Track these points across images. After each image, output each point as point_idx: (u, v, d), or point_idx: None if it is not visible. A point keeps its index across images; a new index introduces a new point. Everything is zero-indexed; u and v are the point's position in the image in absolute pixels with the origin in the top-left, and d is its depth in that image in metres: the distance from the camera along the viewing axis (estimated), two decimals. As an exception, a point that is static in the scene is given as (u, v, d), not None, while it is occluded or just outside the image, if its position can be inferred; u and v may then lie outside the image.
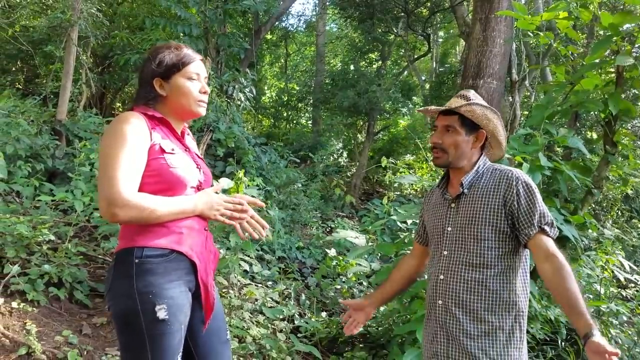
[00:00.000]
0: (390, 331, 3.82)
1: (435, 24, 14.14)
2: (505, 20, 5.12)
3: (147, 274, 1.69)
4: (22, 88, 11.02)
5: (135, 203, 1.62)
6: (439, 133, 2.01)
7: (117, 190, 1.61)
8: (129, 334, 1.70)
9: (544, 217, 1.88)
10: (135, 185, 1.66)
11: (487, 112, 1.98)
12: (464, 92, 2.04)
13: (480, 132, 2.01)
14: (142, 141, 1.71)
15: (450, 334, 1.93)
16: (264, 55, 15.44)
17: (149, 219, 1.68)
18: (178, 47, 1.89)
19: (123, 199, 1.61)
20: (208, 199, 1.83)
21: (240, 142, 7.37)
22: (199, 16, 8.76)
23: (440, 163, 2.03)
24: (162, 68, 1.83)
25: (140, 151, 1.70)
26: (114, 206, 1.60)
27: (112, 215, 1.62)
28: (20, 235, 3.92)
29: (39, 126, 6.59)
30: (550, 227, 1.88)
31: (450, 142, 1.98)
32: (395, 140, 14.63)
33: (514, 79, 5.97)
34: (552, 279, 1.79)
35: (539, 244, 1.86)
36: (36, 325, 3.35)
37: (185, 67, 1.85)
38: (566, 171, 2.94)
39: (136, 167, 1.68)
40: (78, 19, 7.13)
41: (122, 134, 1.69)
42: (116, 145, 1.67)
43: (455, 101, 2.02)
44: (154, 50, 1.90)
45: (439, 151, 2.01)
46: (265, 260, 5.53)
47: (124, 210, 1.61)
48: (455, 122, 1.98)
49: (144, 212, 1.64)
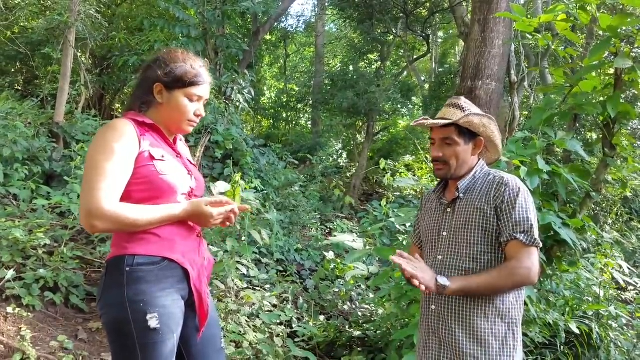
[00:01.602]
0: (388, 335, 3.79)
1: (435, 24, 14.11)
2: (504, 22, 5.10)
3: (138, 282, 1.68)
4: (21, 89, 11.00)
5: (114, 214, 1.61)
6: (437, 146, 2.00)
7: (97, 201, 1.60)
8: (120, 343, 1.69)
9: (520, 225, 1.84)
10: (116, 196, 1.65)
11: (484, 120, 1.97)
12: (454, 100, 2.03)
13: (479, 139, 2.00)
14: (129, 150, 1.70)
15: (442, 340, 1.92)
16: (263, 56, 15.41)
17: (129, 229, 1.68)
18: (194, 64, 1.85)
19: (103, 210, 1.60)
20: (198, 211, 1.79)
21: (238, 143, 7.35)
22: (197, 17, 8.74)
23: (443, 175, 2.02)
24: (169, 78, 1.80)
25: (126, 161, 1.68)
26: (93, 217, 1.60)
27: (91, 227, 1.62)
28: (15, 240, 3.90)
29: (36, 128, 6.57)
30: (525, 236, 1.82)
31: (451, 154, 1.97)
32: (394, 140, 14.59)
33: (512, 80, 5.93)
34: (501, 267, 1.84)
35: (508, 252, 1.85)
36: (31, 330, 3.33)
37: (190, 87, 1.82)
38: (564, 174, 2.92)
39: (120, 178, 1.66)
40: (76, 21, 7.11)
41: (108, 143, 1.68)
42: (101, 154, 1.66)
43: (449, 111, 2.00)
44: (169, 54, 1.86)
45: (440, 164, 2.00)
46: (263, 263, 5.51)
47: (102, 221, 1.61)
48: (453, 133, 1.96)
49: (123, 222, 1.64)
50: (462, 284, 1.78)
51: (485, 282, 1.78)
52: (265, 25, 11.15)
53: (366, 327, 4.39)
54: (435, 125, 1.98)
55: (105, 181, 1.62)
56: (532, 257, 1.81)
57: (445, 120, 1.95)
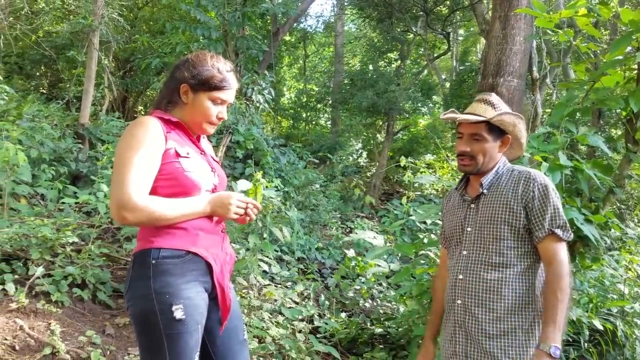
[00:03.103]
0: (410, 332, 3.80)
1: (455, 22, 14.01)
2: (525, 18, 5.06)
3: (164, 274, 1.72)
4: (46, 92, 11.24)
5: (144, 207, 1.65)
6: (465, 141, 1.99)
7: (128, 193, 1.64)
8: (147, 334, 1.74)
9: (556, 220, 1.87)
10: (146, 189, 1.69)
11: (514, 119, 1.98)
12: (485, 96, 2.02)
13: (506, 137, 2.01)
14: (157, 146, 1.74)
15: (469, 333, 1.94)
16: (282, 57, 15.47)
17: (158, 222, 1.71)
18: (222, 68, 1.89)
19: (133, 202, 1.64)
20: (217, 198, 1.83)
21: (259, 143, 7.41)
22: (218, 19, 8.82)
23: (469, 170, 2.03)
24: (195, 79, 1.85)
25: (154, 156, 1.73)
26: (124, 209, 1.63)
27: (122, 219, 1.65)
28: (44, 238, 4.00)
29: (62, 130, 6.72)
30: (562, 230, 1.87)
31: (479, 150, 1.97)
32: (415, 139, 14.52)
33: (534, 77, 5.89)
34: (546, 283, 1.86)
35: (546, 247, 1.88)
36: (60, 325, 3.42)
37: (215, 91, 1.86)
38: (586, 170, 2.90)
39: (148, 172, 1.71)
40: (99, 24, 7.25)
41: (137, 138, 1.73)
42: (130, 149, 1.70)
43: (479, 107, 2.00)
44: (198, 57, 1.90)
45: (466, 159, 2.00)
46: (284, 261, 5.56)
47: (133, 213, 1.64)
48: (483, 129, 1.96)
49: (152, 215, 1.67)
50: (558, 333, 1.77)
51: (561, 307, 1.79)
52: (285, 26, 11.20)
53: (388, 324, 4.41)
54: (467, 121, 1.98)
55: (135, 175, 1.66)
56: (565, 251, 1.87)
57: (478, 117, 1.95)
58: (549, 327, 1.78)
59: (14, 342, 3.17)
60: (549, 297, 1.82)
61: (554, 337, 1.76)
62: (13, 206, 4.77)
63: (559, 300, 1.79)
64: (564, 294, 1.80)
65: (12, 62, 10.74)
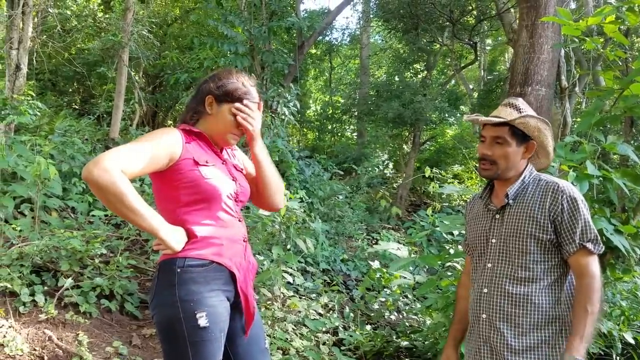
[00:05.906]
0: (436, 345, 3.75)
1: (482, 32, 13.89)
2: (553, 27, 4.98)
3: (188, 282, 1.75)
4: (78, 108, 11.54)
5: (113, 175, 1.60)
6: (488, 144, 1.94)
7: (110, 157, 1.63)
8: (171, 341, 1.77)
9: (586, 234, 1.83)
10: (130, 168, 1.67)
11: (539, 123, 1.92)
12: (512, 100, 1.98)
13: (531, 142, 1.95)
14: (168, 150, 1.79)
15: (494, 348, 1.89)
16: (308, 70, 15.57)
17: (114, 198, 1.62)
18: (246, 82, 1.98)
19: (108, 164, 1.60)
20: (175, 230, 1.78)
21: (284, 155, 7.46)
22: (244, 34, 8.96)
23: (489, 175, 1.97)
24: (220, 91, 1.92)
25: (159, 155, 1.76)
26: (95, 164, 1.60)
27: (88, 172, 1.60)
28: (74, 250, 4.09)
29: (93, 144, 6.90)
30: (593, 244, 1.82)
31: (501, 154, 1.92)
32: (442, 150, 14.39)
33: (563, 86, 5.80)
34: (577, 296, 1.82)
35: (577, 261, 1.83)
36: (88, 336, 3.48)
37: (237, 103, 1.93)
38: (615, 179, 2.83)
39: (144, 161, 1.72)
40: (129, 41, 7.44)
41: (153, 135, 1.82)
42: (143, 139, 1.79)
43: (504, 110, 1.95)
44: (224, 72, 1.99)
45: (487, 163, 1.94)
46: (309, 272, 5.55)
47: (99, 171, 1.59)
48: (506, 133, 1.91)
49: (114, 187, 1.60)
50: (584, 345, 1.75)
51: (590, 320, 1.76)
52: (310, 39, 11.29)
53: (414, 337, 4.35)
54: (489, 123, 1.94)
55: (130, 153, 1.69)
56: (597, 264, 1.83)
57: (500, 119, 1.91)
58: (576, 339, 1.74)
59: (42, 352, 3.24)
60: (578, 310, 1.78)
61: (579, 348, 1.72)
62: (44, 219, 4.90)
63: (588, 313, 1.75)
64: (595, 307, 1.76)
65: (46, 79, 11.08)
